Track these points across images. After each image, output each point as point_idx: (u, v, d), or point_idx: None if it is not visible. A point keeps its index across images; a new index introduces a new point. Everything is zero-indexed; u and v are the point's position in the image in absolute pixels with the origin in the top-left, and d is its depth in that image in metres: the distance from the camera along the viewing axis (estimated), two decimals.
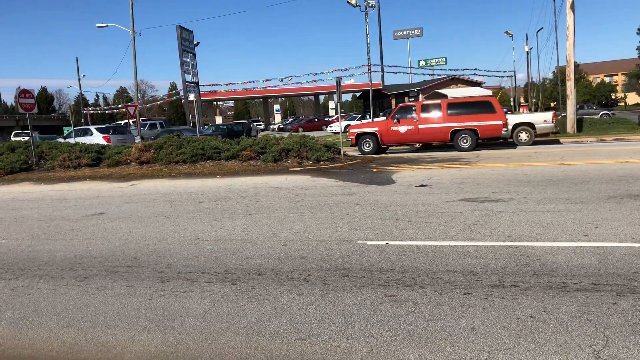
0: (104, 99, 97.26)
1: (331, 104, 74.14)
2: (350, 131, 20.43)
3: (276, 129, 60.14)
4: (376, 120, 26.29)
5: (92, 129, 28.78)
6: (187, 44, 26.68)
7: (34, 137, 27.66)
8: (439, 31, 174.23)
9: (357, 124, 22.58)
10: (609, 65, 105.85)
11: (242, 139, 19.71)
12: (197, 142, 17.90)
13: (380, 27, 55.49)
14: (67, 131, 36.21)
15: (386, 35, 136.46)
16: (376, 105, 56.43)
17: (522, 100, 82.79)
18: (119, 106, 70.45)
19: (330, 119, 54.67)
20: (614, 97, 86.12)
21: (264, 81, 59.94)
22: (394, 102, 65.11)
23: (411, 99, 59.04)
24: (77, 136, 26.55)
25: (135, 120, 35.20)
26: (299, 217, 8.28)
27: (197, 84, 27.54)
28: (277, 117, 76.95)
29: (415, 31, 76.18)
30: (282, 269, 5.68)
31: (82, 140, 23.71)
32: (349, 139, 20.24)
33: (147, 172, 16.59)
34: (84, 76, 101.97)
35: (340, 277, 5.25)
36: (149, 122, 40.27)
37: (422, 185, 11.00)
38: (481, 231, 6.71)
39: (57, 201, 11.97)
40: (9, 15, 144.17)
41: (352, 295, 4.77)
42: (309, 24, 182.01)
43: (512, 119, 20.53)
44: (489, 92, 21.87)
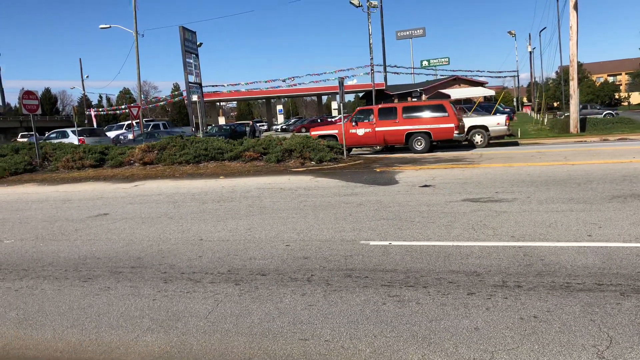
0: (108, 99, 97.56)
1: (334, 105, 74.14)
2: (312, 133, 20.98)
3: (279, 130, 60.19)
4: (338, 123, 27.27)
5: (69, 131, 30.59)
6: (190, 45, 26.72)
7: (48, 136, 28.37)
8: (441, 31, 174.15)
9: (319, 127, 23.57)
10: (613, 64, 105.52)
11: (245, 139, 19.75)
12: (200, 143, 17.93)
13: (382, 28, 55.51)
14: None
15: (389, 35, 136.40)
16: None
17: (525, 100, 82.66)
18: (122, 107, 70.61)
19: (333, 120, 54.66)
20: (617, 96, 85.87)
21: (267, 82, 60.01)
22: (396, 102, 65.13)
23: (414, 99, 59.05)
24: (55, 138, 28.45)
25: (138, 121, 35.29)
26: (302, 218, 8.28)
27: (200, 84, 27.57)
28: (280, 118, 77.02)
29: (417, 31, 76.16)
30: (285, 269, 5.68)
31: (58, 142, 24.81)
32: None
33: (151, 172, 16.62)
34: (87, 77, 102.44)
35: (343, 278, 5.26)
36: (152, 123, 40.38)
37: (425, 185, 10.99)
38: (484, 231, 6.70)
39: (60, 202, 12.01)
40: (12, 16, 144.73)
41: (356, 295, 4.77)
42: (312, 25, 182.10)
43: (467, 122, 21.23)
44: (492, 92, 22.11)
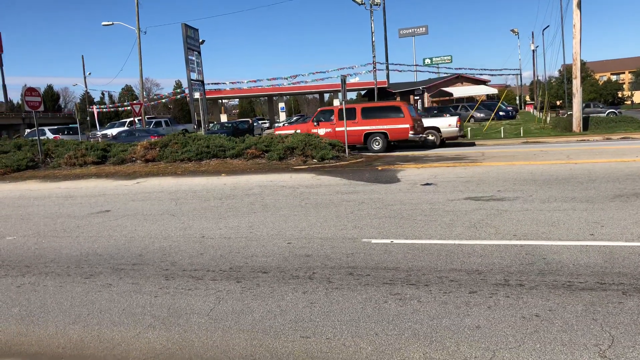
0: (110, 97, 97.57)
1: (336, 102, 73.98)
2: (275, 133, 21.32)
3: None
4: (300, 123, 28.05)
5: (46, 129, 33.55)
6: (192, 42, 26.72)
7: (28, 134, 29.26)
8: (444, 29, 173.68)
9: (282, 127, 24.06)
10: (616, 63, 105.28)
11: (247, 137, 19.77)
12: (202, 141, 17.95)
13: (385, 25, 55.40)
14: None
15: (391, 33, 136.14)
16: None
17: (527, 98, 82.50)
18: (125, 104, 70.66)
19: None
20: (620, 95, 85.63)
21: (269, 79, 59.98)
22: (399, 100, 65.03)
23: (416, 97, 58.90)
24: (33, 135, 30.36)
25: (140, 118, 35.29)
26: (303, 216, 8.28)
27: (202, 82, 27.58)
28: (282, 116, 76.96)
29: (420, 29, 76.01)
30: (286, 266, 5.68)
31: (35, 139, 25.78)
32: None
33: (153, 170, 16.64)
34: (89, 74, 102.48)
35: (345, 275, 5.25)
36: (154, 120, 40.44)
37: (427, 183, 10.98)
38: (486, 230, 6.69)
39: (63, 199, 12.03)
40: (14, 13, 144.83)
41: (357, 293, 4.77)
42: (314, 23, 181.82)
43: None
44: (495, 91, 22.25)
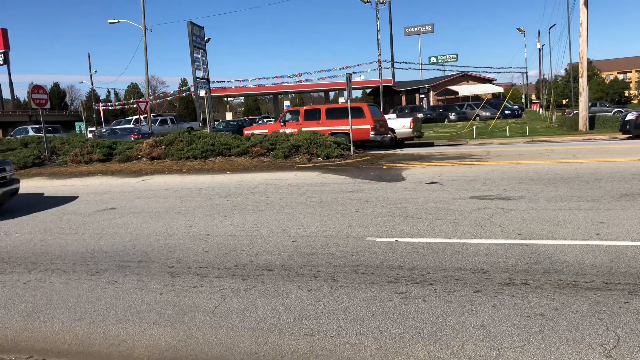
0: (116, 94, 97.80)
1: (341, 100, 74.00)
2: (245, 132, 21.78)
3: None
4: (268, 123, 28.69)
5: (29, 128, 35.89)
6: (197, 40, 26.75)
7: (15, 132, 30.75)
8: (450, 27, 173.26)
9: (251, 127, 25.18)
10: (623, 62, 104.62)
11: (253, 134, 19.80)
12: (207, 139, 17.97)
13: (391, 23, 55.31)
14: (78, 126, 41.99)
15: (397, 31, 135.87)
16: (386, 101, 56.29)
17: (533, 97, 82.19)
18: (131, 101, 70.88)
19: None
20: (627, 94, 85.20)
21: (275, 77, 60.02)
22: (404, 98, 64.87)
23: (422, 96, 58.71)
24: (19, 133, 33.85)
25: (146, 115, 35.38)
26: (308, 214, 8.29)
27: (207, 80, 27.61)
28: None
29: (426, 27, 75.87)
30: (291, 264, 5.69)
31: (22, 136, 26.48)
32: None
33: (158, 167, 16.68)
34: (95, 72, 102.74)
35: (349, 274, 5.26)
36: (159, 118, 40.57)
37: (432, 182, 10.96)
38: (491, 229, 6.67)
39: (68, 196, 12.08)
40: (21, 11, 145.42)
41: (362, 291, 4.77)
42: (320, 21, 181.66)
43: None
44: (500, 89, 22.21)
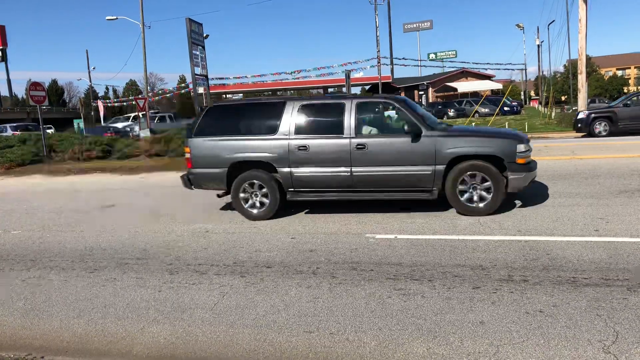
0: (114, 91, 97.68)
1: None
2: None
3: None
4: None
5: (7, 126, 35.81)
6: (196, 37, 26.70)
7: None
8: (449, 24, 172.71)
9: None
10: (622, 58, 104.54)
11: None
12: None
13: (390, 20, 55.17)
14: (77, 124, 41.58)
15: (396, 28, 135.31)
16: None
17: (532, 93, 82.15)
18: (129, 98, 70.73)
19: None
20: (626, 90, 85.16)
21: (274, 74, 60.01)
22: (403, 95, 64.88)
23: (421, 92, 58.69)
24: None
25: (144, 112, 35.32)
26: (307, 210, 8.27)
27: (206, 76, 27.57)
28: None
29: (425, 24, 75.68)
30: (290, 261, 5.69)
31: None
32: None
33: (157, 164, 16.66)
34: (94, 69, 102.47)
35: (348, 271, 5.26)
36: (158, 115, 40.47)
37: None
38: (490, 225, 6.67)
39: (67, 193, 12.06)
40: (19, 8, 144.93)
41: (361, 288, 4.77)
42: (319, 17, 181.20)
43: None
44: (499, 86, 21.94)
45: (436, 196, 7.24)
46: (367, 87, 78.11)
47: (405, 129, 7.17)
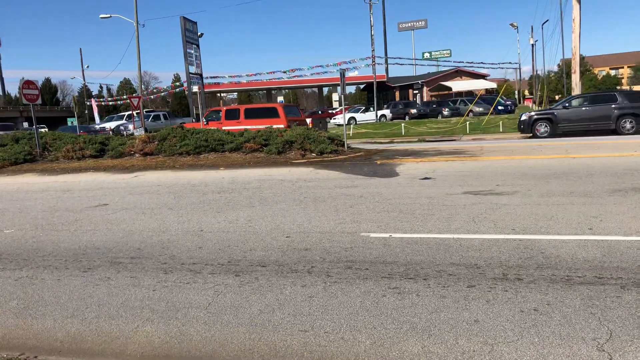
0: (108, 90, 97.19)
1: (335, 96, 73.94)
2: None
3: None
4: (193, 122, 29.93)
5: None
6: (190, 35, 26.63)
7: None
8: (443, 23, 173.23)
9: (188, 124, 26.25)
10: (615, 57, 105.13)
11: (246, 130, 19.71)
12: (200, 134, 17.90)
13: (384, 19, 55.25)
14: (70, 122, 41.51)
15: (391, 27, 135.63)
16: (380, 97, 56.31)
17: (526, 92, 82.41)
18: (124, 97, 70.43)
19: (334, 112, 54.55)
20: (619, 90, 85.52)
21: (268, 73, 59.93)
22: (398, 94, 64.90)
23: (415, 91, 58.76)
24: None
25: (139, 111, 35.18)
26: (302, 209, 8.27)
27: (200, 75, 27.50)
28: None
29: (419, 23, 75.83)
30: (285, 260, 5.68)
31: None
32: None
33: (151, 163, 16.61)
34: (87, 67, 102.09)
35: (343, 269, 5.25)
36: (152, 114, 40.33)
37: (425, 177, 10.98)
38: (485, 224, 6.69)
39: (60, 192, 12.00)
40: (12, 5, 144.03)
41: (356, 287, 4.77)
42: (314, 16, 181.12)
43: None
44: (494, 85, 22.09)
45: None
46: (361, 86, 78.16)
47: None
